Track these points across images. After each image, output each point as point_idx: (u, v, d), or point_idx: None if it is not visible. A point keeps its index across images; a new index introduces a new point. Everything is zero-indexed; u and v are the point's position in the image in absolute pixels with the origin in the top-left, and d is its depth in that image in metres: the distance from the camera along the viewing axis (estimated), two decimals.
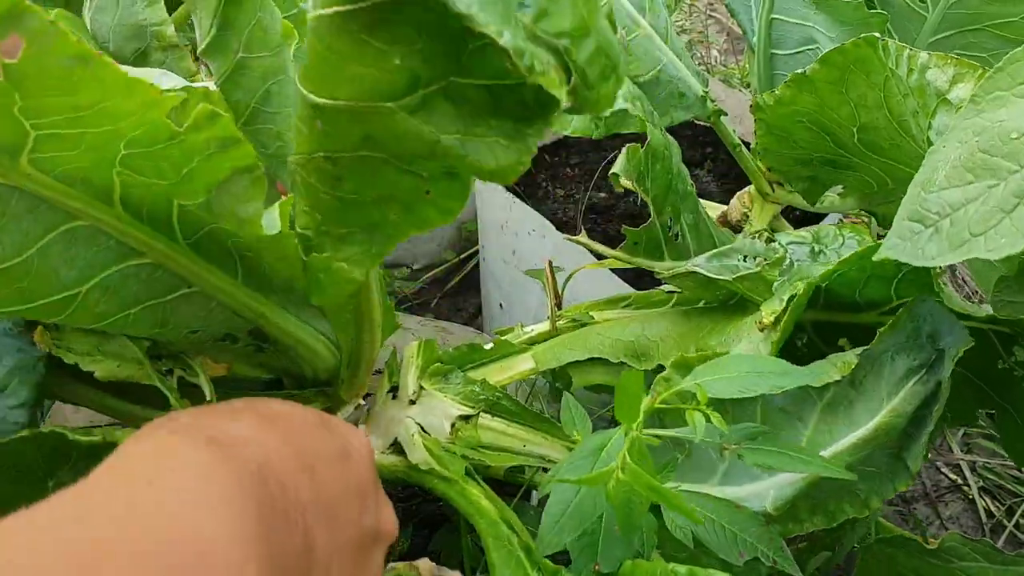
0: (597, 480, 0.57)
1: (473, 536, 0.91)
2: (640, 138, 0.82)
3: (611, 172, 0.79)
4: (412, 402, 0.77)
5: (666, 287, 0.85)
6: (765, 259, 0.81)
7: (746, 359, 0.64)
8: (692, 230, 0.86)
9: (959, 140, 0.49)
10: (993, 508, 1.31)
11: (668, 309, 0.83)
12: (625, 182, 0.79)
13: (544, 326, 0.86)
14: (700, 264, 0.80)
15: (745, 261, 0.81)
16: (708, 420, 0.58)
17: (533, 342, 0.85)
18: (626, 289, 0.99)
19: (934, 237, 0.49)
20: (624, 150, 0.80)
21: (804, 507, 0.68)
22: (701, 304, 0.80)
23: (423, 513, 0.92)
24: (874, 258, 0.58)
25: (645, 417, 0.59)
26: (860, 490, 0.68)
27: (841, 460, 0.66)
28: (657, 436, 0.60)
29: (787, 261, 0.83)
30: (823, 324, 0.76)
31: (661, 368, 0.79)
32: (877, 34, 0.65)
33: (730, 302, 0.79)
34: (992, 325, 0.71)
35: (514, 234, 1.14)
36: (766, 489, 0.66)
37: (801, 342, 0.77)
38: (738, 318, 0.76)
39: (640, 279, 1.08)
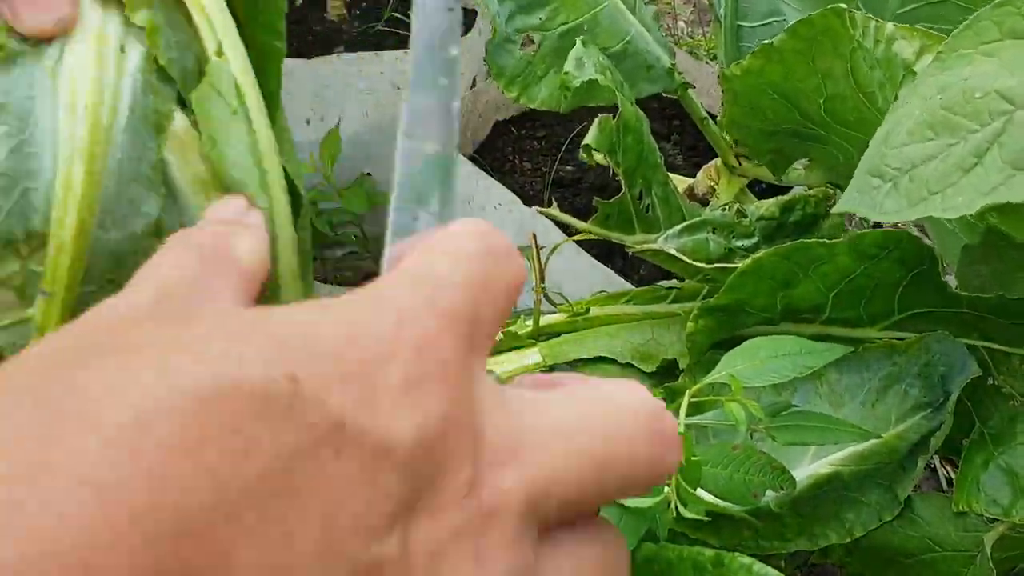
0: (655, 508, 0.58)
1: None
2: (603, 110, 0.82)
3: (583, 144, 0.79)
4: None
5: (665, 283, 0.87)
6: (733, 232, 0.82)
7: (765, 343, 0.66)
8: (662, 203, 0.86)
9: (923, 96, 0.50)
10: (953, 475, 1.34)
11: (677, 315, 0.85)
12: (597, 155, 0.79)
13: (551, 319, 0.86)
14: (671, 240, 0.81)
15: (715, 234, 0.82)
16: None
17: (540, 333, 0.86)
18: (595, 264, 1.00)
19: (892, 192, 0.49)
20: (596, 122, 0.79)
21: (792, 526, 0.70)
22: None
23: None
24: (833, 210, 0.59)
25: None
26: (847, 519, 0.71)
27: (842, 466, 0.71)
28: (688, 427, 0.62)
29: (755, 239, 0.84)
30: (824, 339, 0.78)
31: (663, 368, 0.81)
32: (844, 5, 0.66)
33: None
34: (986, 343, 0.73)
35: (480, 208, 1.14)
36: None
37: None
38: None
39: (610, 254, 1.08)
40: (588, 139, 0.78)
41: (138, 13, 0.34)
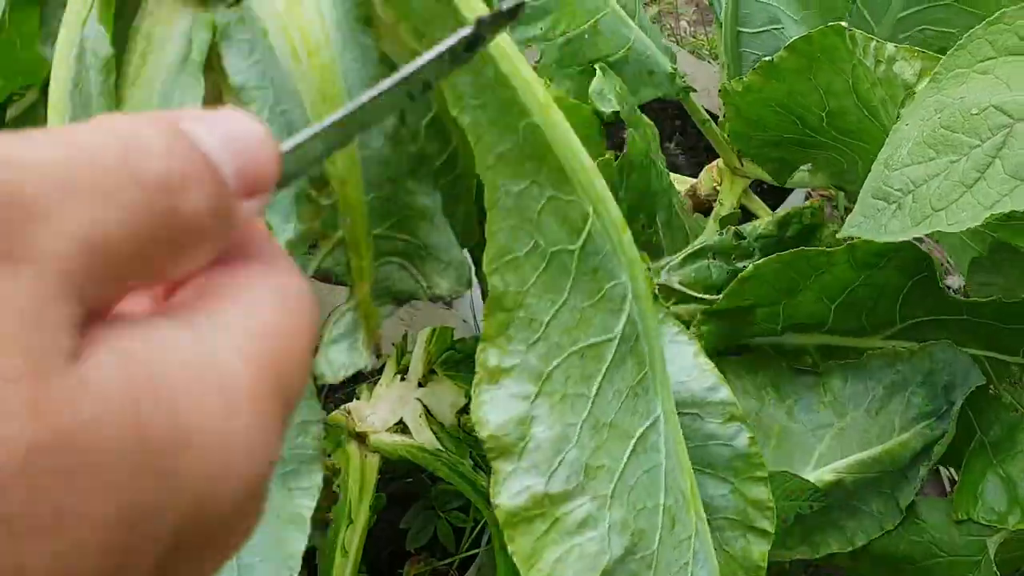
0: None
1: (449, 516, 0.92)
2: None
3: None
4: (420, 384, 0.78)
5: None
6: (733, 254, 0.82)
7: None
8: (665, 227, 0.86)
9: (921, 118, 0.50)
10: (956, 476, 1.34)
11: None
12: None
13: None
14: (673, 272, 0.81)
15: (715, 259, 0.81)
16: None
17: None
18: None
19: (897, 213, 0.50)
20: (597, 163, 0.79)
21: (793, 533, 0.70)
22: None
23: (391, 489, 0.92)
24: (838, 235, 0.59)
25: None
26: (849, 527, 0.72)
27: (846, 474, 0.72)
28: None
29: (756, 258, 0.84)
30: (827, 348, 0.78)
31: None
32: (844, 23, 0.65)
33: None
34: (987, 351, 0.74)
35: None
36: None
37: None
38: None
39: None
40: None
41: None
